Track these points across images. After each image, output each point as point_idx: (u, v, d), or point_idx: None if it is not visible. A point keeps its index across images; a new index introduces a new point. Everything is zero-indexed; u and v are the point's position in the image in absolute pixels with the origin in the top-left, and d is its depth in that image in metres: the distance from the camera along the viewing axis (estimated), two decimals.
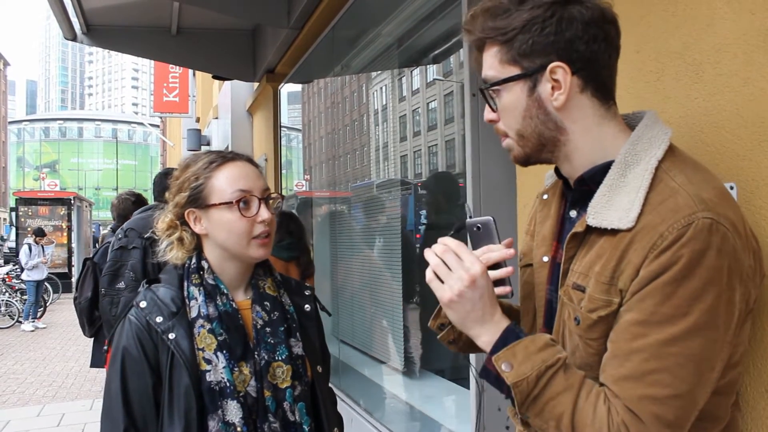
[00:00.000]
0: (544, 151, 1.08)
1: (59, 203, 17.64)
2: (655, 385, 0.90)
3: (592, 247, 1.02)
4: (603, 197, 1.00)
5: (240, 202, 1.39)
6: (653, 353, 0.91)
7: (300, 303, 1.55)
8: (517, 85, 1.04)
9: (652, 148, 1.00)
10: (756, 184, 1.20)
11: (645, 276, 0.92)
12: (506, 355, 1.00)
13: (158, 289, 1.42)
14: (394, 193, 4.35)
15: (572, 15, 0.99)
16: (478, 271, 1.03)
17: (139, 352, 1.34)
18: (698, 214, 0.90)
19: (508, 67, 1.04)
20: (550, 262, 1.15)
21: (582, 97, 1.03)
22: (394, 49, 4.30)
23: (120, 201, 4.39)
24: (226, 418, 1.32)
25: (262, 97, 6.78)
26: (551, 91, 1.02)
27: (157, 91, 14.06)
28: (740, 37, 1.24)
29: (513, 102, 1.05)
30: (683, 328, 0.89)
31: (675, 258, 0.89)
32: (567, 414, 0.95)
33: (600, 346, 0.99)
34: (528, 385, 0.97)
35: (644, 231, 0.93)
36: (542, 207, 1.22)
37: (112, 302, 3.33)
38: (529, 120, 1.05)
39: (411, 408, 3.78)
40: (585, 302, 1.00)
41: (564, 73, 1.00)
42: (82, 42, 5.78)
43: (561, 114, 1.04)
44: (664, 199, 0.94)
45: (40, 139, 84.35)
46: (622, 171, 1.00)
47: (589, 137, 1.05)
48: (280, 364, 1.41)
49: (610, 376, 0.95)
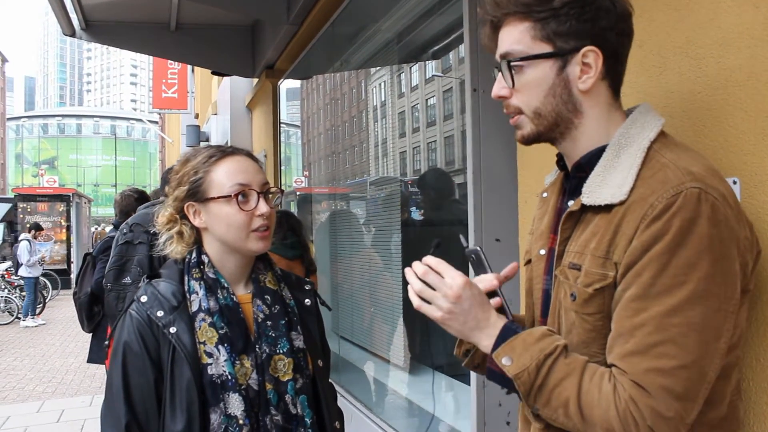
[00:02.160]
0: (555, 131, 1.10)
1: (58, 200, 17.64)
2: (660, 357, 0.91)
3: (587, 226, 1.04)
4: (598, 177, 1.03)
5: (238, 196, 1.40)
6: (656, 326, 0.91)
7: (300, 297, 1.55)
8: (547, 63, 1.06)
9: (645, 131, 1.04)
10: (760, 178, 1.20)
11: (637, 246, 0.94)
12: (505, 349, 1.03)
13: (159, 283, 1.43)
14: (387, 191, 4.36)
15: (608, 6, 1.03)
16: (461, 285, 1.07)
17: (141, 347, 1.34)
18: (686, 184, 0.93)
19: (540, 43, 1.06)
20: (547, 253, 1.16)
21: (602, 85, 1.07)
22: (394, 45, 4.29)
23: (123, 197, 4.39)
24: (228, 411, 1.32)
25: (261, 93, 6.77)
26: (579, 73, 1.05)
27: (156, 88, 14.05)
28: (744, 31, 1.23)
29: (538, 79, 1.07)
30: (682, 297, 0.90)
31: (666, 227, 0.91)
32: (573, 398, 0.96)
33: (596, 321, 1.01)
34: (529, 375, 0.99)
35: (636, 203, 0.96)
36: (541, 204, 1.24)
37: (119, 297, 3.34)
38: (552, 98, 1.07)
39: (411, 404, 3.77)
40: (581, 278, 1.02)
41: (596, 57, 1.04)
42: (80, 38, 5.76)
43: (583, 97, 1.07)
44: (655, 173, 0.97)
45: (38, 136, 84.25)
46: (615, 152, 1.04)
47: (598, 123, 1.09)
48: (281, 357, 1.41)
49: (616, 355, 0.96)
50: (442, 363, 3.64)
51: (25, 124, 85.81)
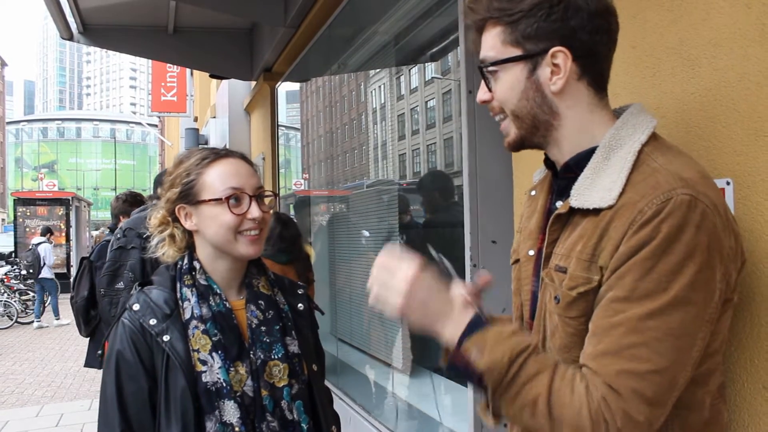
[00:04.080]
0: (537, 135, 1.09)
1: (57, 203, 17.63)
2: (633, 359, 0.89)
3: (575, 229, 1.02)
4: (587, 179, 1.02)
5: (230, 199, 1.38)
6: (631, 327, 0.90)
7: (293, 302, 1.54)
8: (517, 67, 1.05)
9: (636, 133, 1.02)
10: (753, 179, 1.20)
11: (624, 252, 0.92)
12: (476, 340, 0.99)
13: (151, 291, 1.41)
14: (384, 193, 4.35)
15: (579, 4, 1.01)
16: (411, 275, 1.03)
17: (134, 356, 1.32)
18: (677, 191, 0.91)
19: (509, 48, 1.05)
20: (535, 254, 1.15)
21: (578, 85, 1.05)
22: (391, 47, 4.29)
23: (116, 201, 4.41)
24: (224, 418, 1.31)
25: (260, 95, 6.77)
26: (550, 75, 1.04)
27: (155, 91, 14.04)
28: (736, 32, 1.23)
29: (511, 82, 1.07)
30: (663, 302, 0.89)
31: (654, 233, 0.90)
32: (543, 396, 0.93)
33: (579, 326, 0.99)
34: (500, 370, 0.96)
35: (624, 208, 0.95)
36: (530, 203, 1.23)
37: (111, 302, 3.33)
38: (525, 102, 1.06)
39: (409, 406, 3.77)
40: (566, 281, 1.00)
41: (565, 58, 1.02)
42: (78, 41, 5.77)
43: (557, 98, 1.05)
44: (645, 177, 0.96)
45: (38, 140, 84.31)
46: (605, 154, 1.02)
47: (580, 124, 1.07)
48: (276, 363, 1.40)
49: (588, 354, 0.94)
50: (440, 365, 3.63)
51: (25, 127, 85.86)
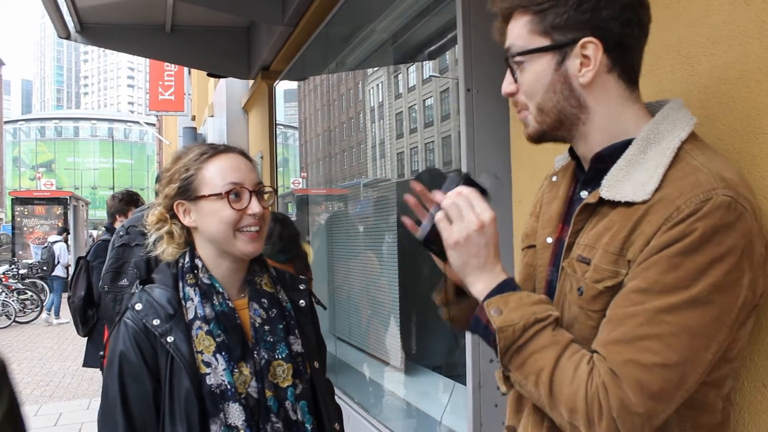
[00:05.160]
0: (562, 129, 1.07)
1: (55, 203, 17.63)
2: (644, 351, 0.88)
3: (601, 220, 1.00)
4: (620, 171, 0.99)
5: (230, 194, 1.36)
6: (648, 319, 0.89)
7: (295, 299, 1.52)
8: (545, 57, 1.02)
9: (676, 129, 0.99)
10: (752, 177, 1.19)
11: (655, 245, 0.91)
12: (498, 301, 1.00)
13: (153, 290, 1.38)
14: (382, 192, 4.35)
15: None
16: (488, 218, 1.04)
17: (138, 357, 1.30)
18: (718, 191, 0.89)
19: (537, 38, 1.02)
20: (554, 243, 1.12)
21: (608, 78, 1.02)
22: (389, 45, 4.28)
23: (112, 200, 4.41)
24: (229, 421, 1.29)
25: (258, 94, 6.75)
26: (579, 67, 1.01)
27: (153, 90, 14.04)
28: (735, 29, 1.22)
29: (538, 74, 1.04)
30: (683, 298, 0.88)
31: (688, 231, 0.88)
32: (547, 369, 0.94)
33: (600, 319, 0.97)
34: (514, 332, 0.96)
35: (660, 203, 0.92)
36: (550, 188, 1.20)
37: (115, 299, 3.34)
38: (552, 94, 1.04)
39: (408, 405, 3.77)
40: (590, 273, 0.99)
41: (595, 49, 0.99)
42: (76, 40, 5.75)
43: (585, 91, 1.02)
44: (685, 175, 0.93)
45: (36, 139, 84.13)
46: (642, 147, 0.99)
47: (609, 118, 1.04)
48: (280, 363, 1.38)
49: (601, 341, 0.94)
50: (439, 364, 3.64)
51: (23, 127, 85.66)
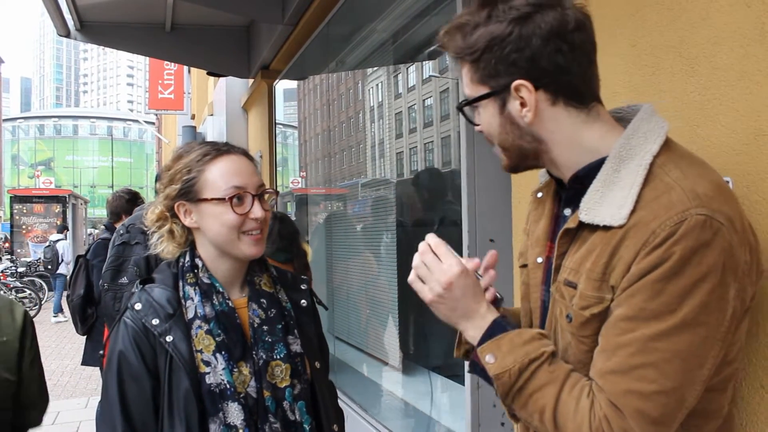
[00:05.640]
0: (528, 160, 1.09)
1: (54, 201, 17.60)
2: (640, 380, 0.90)
3: (584, 243, 1.01)
4: (596, 193, 0.99)
5: (233, 199, 1.35)
6: (639, 348, 0.90)
7: (296, 298, 1.51)
8: (489, 104, 1.05)
9: (647, 143, 0.98)
10: (752, 178, 1.19)
11: (635, 273, 0.91)
12: (491, 347, 1.02)
13: (153, 289, 1.38)
14: (381, 192, 4.35)
15: (531, 31, 0.97)
16: (456, 274, 1.06)
17: (137, 356, 1.30)
18: (691, 211, 0.89)
19: (478, 86, 1.05)
20: (544, 262, 1.13)
21: (555, 110, 1.02)
22: (389, 45, 4.28)
23: (114, 198, 4.39)
24: (228, 420, 1.29)
25: (257, 93, 6.75)
26: (520, 108, 1.02)
27: (152, 88, 14.03)
28: (736, 31, 1.23)
29: (488, 119, 1.07)
30: (671, 324, 0.88)
31: (666, 255, 0.88)
32: (549, 407, 0.95)
33: (593, 343, 0.98)
34: (510, 377, 0.98)
35: (636, 228, 0.92)
36: (536, 206, 1.21)
37: (115, 297, 3.35)
38: (506, 135, 1.06)
39: (406, 404, 3.77)
40: (576, 299, 0.99)
41: (528, 91, 1.00)
42: (75, 38, 5.74)
43: (535, 128, 1.04)
44: (658, 195, 0.92)
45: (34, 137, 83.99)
46: (616, 166, 0.98)
47: (570, 144, 1.04)
48: (278, 363, 1.38)
49: (597, 371, 0.95)
50: (437, 364, 3.64)
51: (22, 125, 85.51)
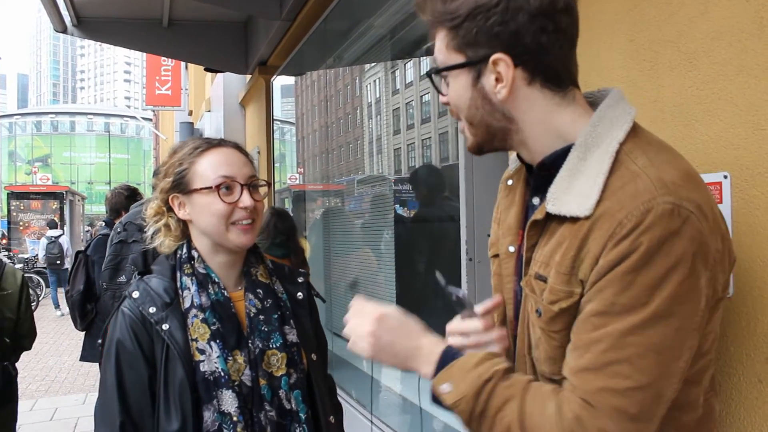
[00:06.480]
0: (495, 141, 1.04)
1: (51, 197, 17.60)
2: (614, 376, 0.87)
3: (553, 234, 0.98)
4: (563, 182, 0.96)
5: (221, 188, 1.38)
6: (612, 344, 0.87)
7: (293, 291, 1.54)
8: (462, 74, 0.99)
9: (614, 130, 0.95)
10: (750, 173, 1.20)
11: (604, 265, 0.88)
12: (443, 376, 0.99)
13: (150, 279, 1.41)
14: (379, 188, 4.34)
15: (519, 5, 0.93)
16: (371, 323, 1.06)
17: (134, 344, 1.33)
18: (658, 200, 0.86)
19: (454, 53, 0.99)
20: (516, 252, 1.10)
21: (530, 89, 0.98)
22: (387, 41, 4.27)
23: (113, 195, 4.38)
24: (222, 407, 1.31)
25: (255, 89, 6.74)
26: (495, 83, 0.97)
27: (149, 85, 13.99)
28: (734, 25, 1.23)
29: (458, 90, 1.01)
30: (643, 317, 0.86)
31: (634, 246, 0.86)
32: (515, 423, 0.91)
33: (563, 338, 0.96)
34: (467, 403, 0.95)
35: (603, 218, 0.89)
36: (507, 193, 1.16)
37: (114, 296, 3.35)
38: (475, 110, 1.01)
39: (405, 400, 3.77)
40: (546, 293, 0.97)
41: (506, 67, 0.95)
42: (72, 34, 5.73)
43: (508, 105, 0.98)
44: (624, 183, 0.90)
45: (31, 133, 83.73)
46: (582, 154, 0.95)
47: (541, 127, 1.00)
48: (274, 352, 1.40)
49: (570, 368, 0.92)
50: None
51: (18, 121, 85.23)
